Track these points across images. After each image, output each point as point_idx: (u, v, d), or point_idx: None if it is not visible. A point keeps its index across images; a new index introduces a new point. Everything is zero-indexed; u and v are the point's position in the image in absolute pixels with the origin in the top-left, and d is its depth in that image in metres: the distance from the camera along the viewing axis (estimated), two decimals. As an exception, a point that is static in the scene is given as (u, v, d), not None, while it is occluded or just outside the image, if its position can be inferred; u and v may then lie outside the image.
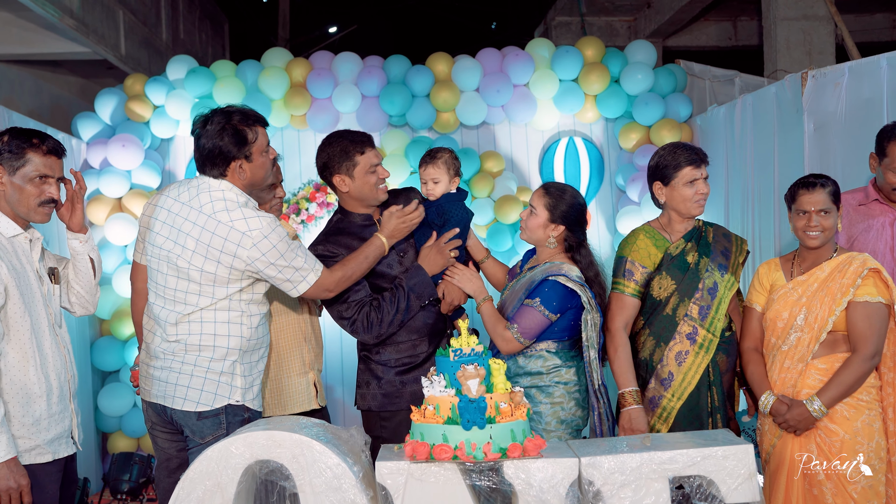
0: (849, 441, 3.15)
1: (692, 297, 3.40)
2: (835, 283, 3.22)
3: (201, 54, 11.27)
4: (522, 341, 3.27)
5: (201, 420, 2.98)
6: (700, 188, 3.42)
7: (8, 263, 2.80)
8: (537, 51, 6.30)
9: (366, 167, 3.37)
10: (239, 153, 2.99)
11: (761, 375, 3.33)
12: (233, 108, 3.05)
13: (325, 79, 6.12)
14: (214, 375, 2.98)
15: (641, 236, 3.50)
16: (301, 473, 2.57)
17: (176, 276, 2.98)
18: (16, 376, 2.79)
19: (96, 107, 6.22)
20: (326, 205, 6.17)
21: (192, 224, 2.95)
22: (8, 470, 2.68)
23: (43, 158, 2.88)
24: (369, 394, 3.46)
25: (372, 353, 3.48)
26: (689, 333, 3.39)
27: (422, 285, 3.38)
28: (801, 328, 3.25)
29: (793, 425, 3.19)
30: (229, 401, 2.99)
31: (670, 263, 3.44)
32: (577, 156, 6.24)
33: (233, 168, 3.00)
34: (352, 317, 3.33)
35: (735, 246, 3.52)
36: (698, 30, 10.28)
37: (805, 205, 3.26)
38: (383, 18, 17.41)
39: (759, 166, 5.09)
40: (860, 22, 9.36)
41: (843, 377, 3.15)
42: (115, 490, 5.49)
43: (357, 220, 3.46)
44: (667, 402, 3.37)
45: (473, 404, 2.53)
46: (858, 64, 4.21)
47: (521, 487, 2.51)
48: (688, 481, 2.61)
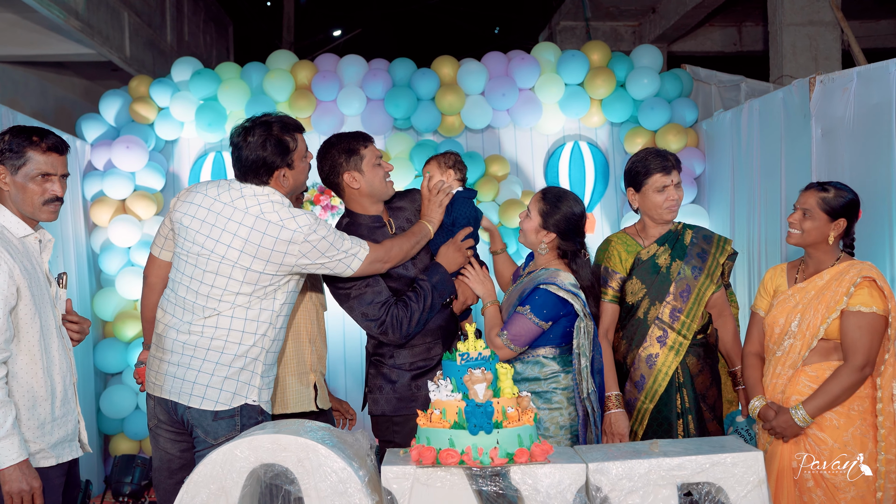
0: (837, 450, 3.11)
1: (663, 300, 3.48)
2: (830, 291, 3.18)
3: (206, 56, 11.27)
4: (513, 348, 3.27)
5: (217, 420, 2.97)
6: (670, 195, 3.48)
7: (20, 265, 2.76)
8: (543, 55, 6.29)
9: (372, 159, 3.39)
10: (282, 163, 3.06)
11: (755, 380, 3.34)
12: (271, 117, 3.10)
13: (330, 81, 6.11)
14: (235, 374, 2.98)
15: (613, 242, 3.61)
16: (306, 477, 2.55)
17: (214, 272, 2.99)
18: (24, 379, 2.77)
19: (101, 108, 6.21)
20: (331, 207, 6.15)
21: (238, 224, 2.99)
22: (20, 472, 2.67)
23: (43, 156, 2.85)
24: (383, 398, 3.44)
25: (385, 358, 3.45)
26: (660, 336, 3.47)
27: (443, 283, 3.41)
28: (795, 335, 3.23)
29: (779, 432, 3.18)
30: (247, 400, 2.99)
31: (640, 267, 3.52)
32: (583, 160, 6.23)
33: (276, 177, 3.07)
34: (380, 317, 3.31)
35: (714, 247, 3.56)
36: (703, 35, 10.27)
37: (797, 202, 3.30)
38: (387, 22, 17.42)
39: (766, 172, 5.07)
40: (866, 28, 9.35)
41: (830, 387, 3.12)
42: (116, 493, 5.47)
43: (366, 220, 3.45)
44: (640, 404, 3.47)
45: (480, 409, 2.51)
46: (867, 69, 4.19)
47: (527, 493, 2.49)
48: (696, 488, 2.59)
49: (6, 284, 2.69)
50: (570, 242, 3.35)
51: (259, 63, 6.28)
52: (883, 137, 3.97)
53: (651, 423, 3.45)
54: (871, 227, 3.92)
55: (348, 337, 6.16)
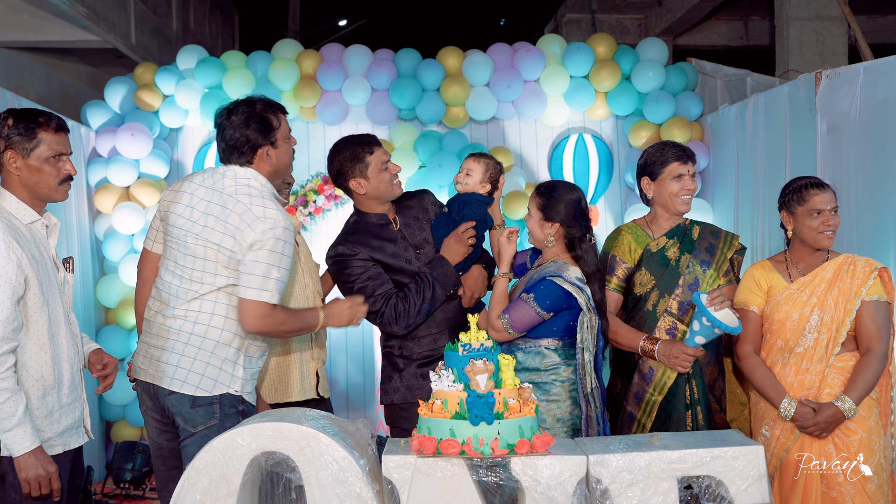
0: (865, 439, 3.16)
1: (672, 292, 3.48)
2: (845, 283, 3.23)
3: (211, 45, 11.26)
4: (511, 333, 3.28)
5: (195, 408, 2.93)
6: (687, 184, 3.51)
7: (28, 253, 2.75)
8: (548, 47, 6.27)
9: (377, 165, 3.44)
10: (265, 140, 3.02)
11: (771, 379, 3.29)
12: (254, 97, 3.08)
13: (335, 71, 6.11)
14: (218, 361, 2.94)
15: (624, 232, 3.61)
16: (307, 466, 2.55)
17: (193, 255, 2.97)
18: (33, 367, 2.77)
19: (106, 95, 6.21)
20: (334, 197, 6.15)
21: (216, 205, 2.97)
22: (35, 459, 2.68)
23: (55, 136, 2.84)
24: (391, 387, 3.53)
25: (395, 349, 3.54)
26: (669, 328, 3.47)
27: (445, 275, 3.45)
28: (818, 329, 3.23)
29: (823, 428, 3.16)
30: (228, 389, 2.95)
31: (650, 259, 3.52)
32: (587, 153, 6.22)
33: (259, 155, 3.03)
34: (379, 309, 3.39)
35: (722, 242, 3.57)
36: (709, 29, 10.24)
37: (819, 204, 3.26)
38: (393, 13, 17.38)
39: (771, 166, 5.06)
40: (873, 23, 9.30)
41: (867, 376, 3.16)
42: (118, 479, 5.49)
43: (373, 219, 3.52)
44: (649, 396, 3.45)
45: (482, 399, 2.51)
46: (874, 64, 4.18)
47: (528, 484, 2.50)
48: (696, 481, 2.59)
49: (14, 274, 2.68)
50: (574, 228, 3.35)
51: (264, 52, 6.27)
52: (889, 133, 3.96)
53: (660, 415, 3.44)
54: (875, 221, 3.92)
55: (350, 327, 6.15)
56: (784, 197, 3.36)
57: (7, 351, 2.66)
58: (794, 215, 3.31)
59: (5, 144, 2.80)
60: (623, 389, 3.55)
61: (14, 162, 2.81)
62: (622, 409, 3.54)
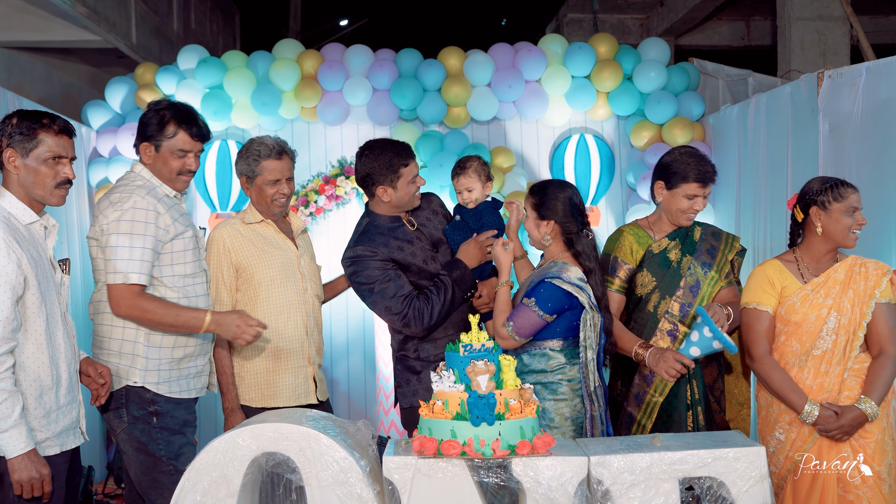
0: (880, 440, 3.15)
1: (673, 294, 3.47)
2: (859, 286, 3.22)
3: (212, 45, 11.26)
4: (517, 339, 3.27)
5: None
6: (697, 205, 3.47)
7: (28, 253, 2.74)
8: (550, 47, 6.26)
9: (409, 178, 3.48)
10: (148, 137, 3.29)
11: (790, 382, 3.21)
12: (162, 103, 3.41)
13: (336, 71, 6.10)
14: (116, 352, 3.16)
15: (626, 233, 3.60)
16: (308, 466, 2.55)
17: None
18: (31, 368, 2.76)
19: (106, 95, 6.21)
20: (336, 197, 6.15)
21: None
22: (29, 461, 2.68)
23: (55, 138, 2.83)
24: (409, 390, 3.56)
25: (410, 352, 3.56)
26: (670, 330, 3.46)
27: (463, 277, 3.50)
28: (836, 331, 3.20)
29: (846, 431, 3.13)
30: (128, 382, 3.15)
31: (651, 260, 3.52)
32: (588, 153, 6.21)
33: (143, 148, 3.27)
34: (402, 311, 3.42)
35: (724, 244, 3.56)
36: (711, 29, 10.24)
37: (856, 202, 3.22)
38: (394, 13, 17.38)
39: (772, 167, 5.05)
40: (875, 23, 9.30)
41: (885, 377, 3.16)
42: (119, 478, 5.49)
43: (385, 220, 3.56)
44: (650, 397, 3.45)
45: (483, 400, 2.51)
46: (876, 65, 4.17)
47: (529, 485, 2.49)
48: (698, 482, 2.58)
49: (14, 274, 2.68)
50: (570, 224, 3.35)
51: (265, 52, 6.26)
52: (891, 134, 3.95)
53: (661, 415, 3.43)
54: (877, 222, 3.91)
55: (351, 327, 6.16)
56: (817, 194, 3.22)
57: (6, 351, 2.66)
58: (829, 212, 3.20)
59: (6, 143, 2.80)
60: (623, 390, 3.55)
61: (13, 161, 2.81)
62: (622, 409, 3.53)
